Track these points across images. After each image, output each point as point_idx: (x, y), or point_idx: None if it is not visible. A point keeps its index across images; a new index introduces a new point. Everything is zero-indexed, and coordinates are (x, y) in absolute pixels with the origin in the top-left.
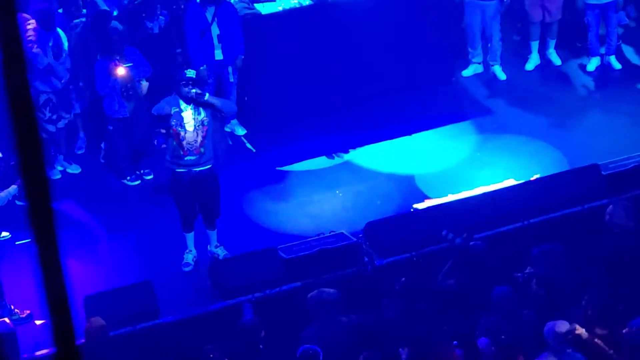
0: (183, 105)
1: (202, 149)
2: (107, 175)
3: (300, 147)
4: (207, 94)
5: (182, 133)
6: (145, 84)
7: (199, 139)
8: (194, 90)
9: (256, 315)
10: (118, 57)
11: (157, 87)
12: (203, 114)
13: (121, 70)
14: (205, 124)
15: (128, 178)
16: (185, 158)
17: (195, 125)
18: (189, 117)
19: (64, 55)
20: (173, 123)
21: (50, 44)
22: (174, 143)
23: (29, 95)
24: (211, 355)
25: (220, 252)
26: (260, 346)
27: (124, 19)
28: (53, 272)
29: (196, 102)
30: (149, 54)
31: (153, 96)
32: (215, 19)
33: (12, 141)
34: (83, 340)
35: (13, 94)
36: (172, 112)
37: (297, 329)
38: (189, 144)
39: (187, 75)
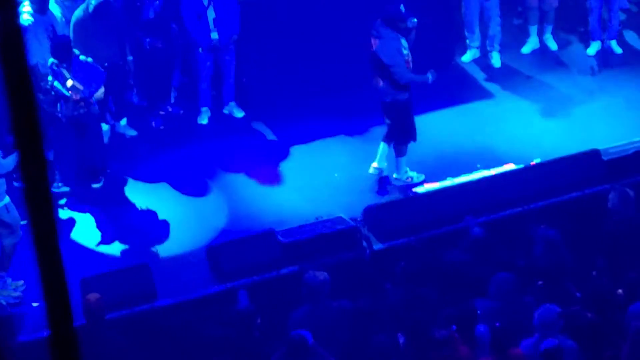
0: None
1: None
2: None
3: (298, 130)
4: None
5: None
6: (101, 91)
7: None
8: (414, 19)
9: (252, 301)
10: (65, 65)
11: (158, 71)
12: None
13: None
14: None
15: (55, 184)
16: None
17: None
18: (405, 43)
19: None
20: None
21: (45, 28)
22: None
23: (28, 79)
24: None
25: (414, 174)
26: (256, 333)
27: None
28: (50, 254)
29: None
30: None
31: (152, 80)
32: (212, 3)
33: (10, 122)
34: (82, 322)
35: (11, 77)
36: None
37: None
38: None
39: (404, 11)
